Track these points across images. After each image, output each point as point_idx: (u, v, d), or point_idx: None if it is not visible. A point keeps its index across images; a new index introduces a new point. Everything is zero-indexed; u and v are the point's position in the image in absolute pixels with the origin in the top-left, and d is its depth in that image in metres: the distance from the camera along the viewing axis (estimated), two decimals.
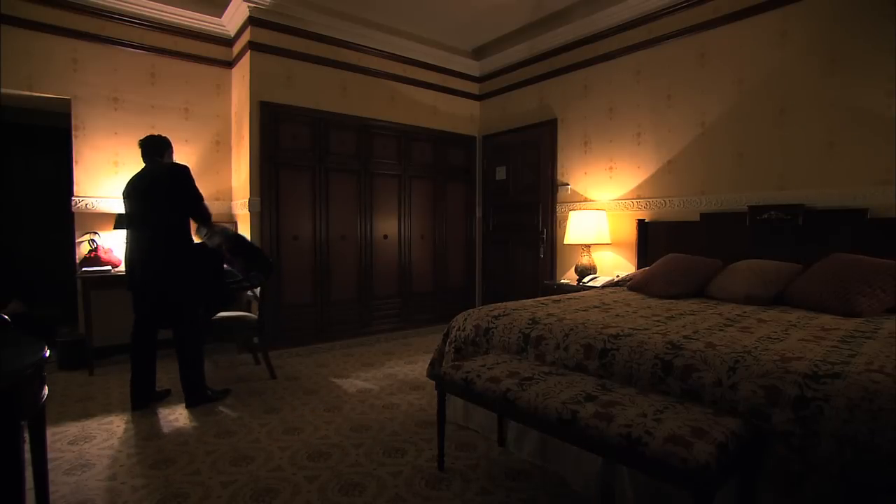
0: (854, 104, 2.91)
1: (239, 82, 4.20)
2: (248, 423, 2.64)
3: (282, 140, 4.12)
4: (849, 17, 2.92)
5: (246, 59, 4.01)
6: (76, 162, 3.70)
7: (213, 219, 4.28)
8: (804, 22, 3.09)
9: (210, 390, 2.98)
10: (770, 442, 1.45)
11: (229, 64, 4.35)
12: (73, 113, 3.67)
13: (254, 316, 3.54)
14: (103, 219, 3.78)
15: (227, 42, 4.31)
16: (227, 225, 4.30)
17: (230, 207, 4.40)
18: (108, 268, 3.59)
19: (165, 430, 2.54)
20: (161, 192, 2.81)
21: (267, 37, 4.00)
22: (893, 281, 2.39)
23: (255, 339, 3.58)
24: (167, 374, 3.34)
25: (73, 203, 3.69)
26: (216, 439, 2.43)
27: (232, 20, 4.14)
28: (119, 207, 3.80)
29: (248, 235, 4.05)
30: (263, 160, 4.01)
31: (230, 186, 4.41)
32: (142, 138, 3.03)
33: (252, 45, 3.95)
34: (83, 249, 3.70)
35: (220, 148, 4.36)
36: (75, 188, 3.70)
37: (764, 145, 3.29)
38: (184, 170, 2.89)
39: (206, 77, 4.25)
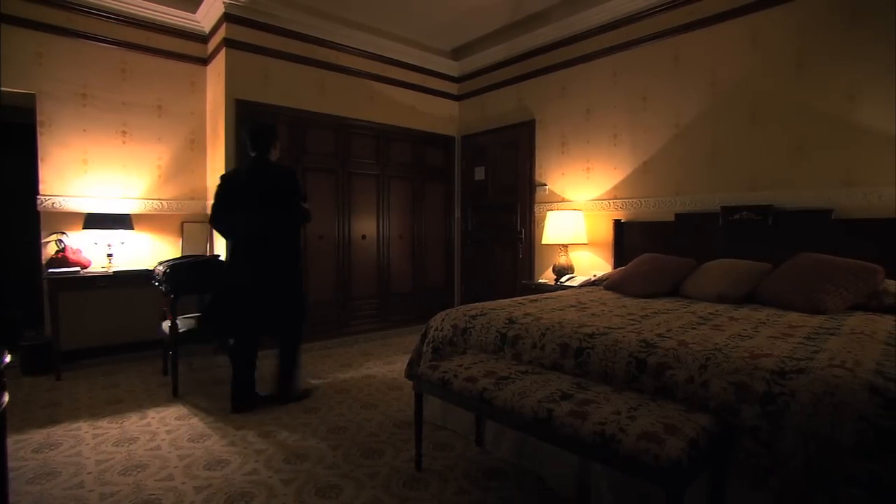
0: (819, 108, 3.00)
1: (214, 80, 4.12)
2: (222, 426, 2.60)
3: None
4: (813, 26, 3.01)
5: (221, 57, 3.94)
6: (42, 159, 3.58)
7: (187, 220, 4.21)
8: (772, 29, 3.17)
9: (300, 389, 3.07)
10: (739, 437, 1.49)
11: (204, 61, 4.26)
12: (37, 108, 3.55)
13: None
14: (71, 218, 3.67)
15: (202, 38, 4.23)
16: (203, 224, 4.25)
17: (205, 207, 4.32)
18: (77, 269, 3.48)
19: (137, 435, 2.48)
20: (284, 198, 2.86)
21: (243, 34, 3.94)
22: (856, 280, 2.47)
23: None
24: (139, 379, 3.27)
25: (38, 202, 3.57)
26: (190, 443, 2.38)
27: (207, 16, 4.06)
28: (90, 206, 3.71)
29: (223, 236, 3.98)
30: (239, 159, 3.94)
31: (205, 186, 4.33)
32: (252, 125, 2.97)
33: (227, 42, 3.88)
34: (50, 250, 3.58)
35: (194, 147, 4.28)
36: (41, 186, 3.58)
37: (736, 147, 3.37)
38: (295, 174, 2.98)
39: (179, 74, 4.16)
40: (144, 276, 3.58)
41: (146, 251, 4.02)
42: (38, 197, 3.57)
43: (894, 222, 2.70)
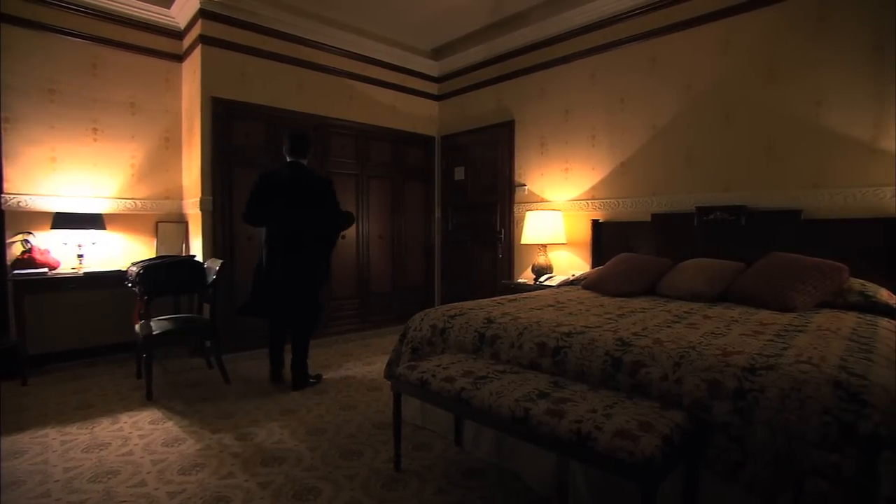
0: (788, 112, 3.08)
1: (189, 77, 4.05)
2: (198, 430, 2.55)
3: (235, 138, 4.00)
4: (782, 32, 3.09)
5: (197, 53, 3.87)
6: (6, 156, 3.45)
7: (162, 219, 4.13)
8: (745, 34, 3.25)
9: (310, 376, 3.30)
10: (712, 433, 1.52)
11: (179, 57, 4.18)
12: (1, 103, 3.43)
13: (205, 318, 3.43)
14: (39, 218, 3.55)
15: (177, 35, 4.14)
16: (181, 224, 4.16)
17: (181, 206, 4.23)
18: (45, 270, 3.38)
19: (108, 440, 2.41)
20: (325, 203, 3.17)
21: (219, 31, 3.87)
22: (823, 278, 2.54)
23: (208, 343, 3.45)
24: (111, 383, 3.18)
25: (2, 200, 3.45)
26: (164, 448, 2.33)
27: (182, 12, 3.98)
28: (58, 206, 3.60)
29: (199, 236, 3.92)
30: (216, 158, 3.88)
31: (181, 185, 4.24)
32: (293, 131, 3.24)
33: (203, 39, 3.81)
34: (15, 251, 3.46)
35: (169, 145, 4.19)
36: (5, 185, 3.46)
37: (710, 148, 3.44)
38: (331, 182, 3.30)
39: (154, 70, 4.06)
40: (117, 277, 3.49)
41: (119, 252, 3.93)
42: (3, 196, 3.45)
43: (858, 223, 2.79)
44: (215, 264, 3.29)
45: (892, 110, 2.72)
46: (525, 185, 4.62)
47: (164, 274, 3.13)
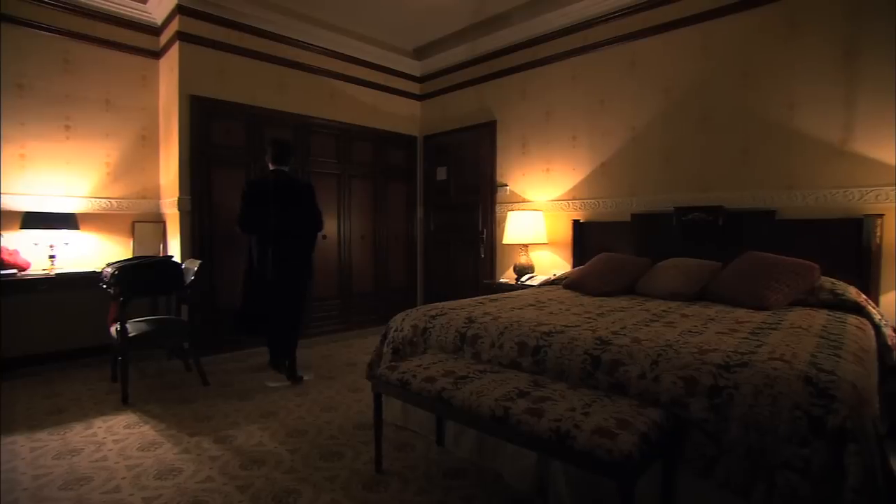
0: (763, 115, 3.15)
1: (167, 74, 3.97)
2: (175, 433, 2.50)
3: (214, 136, 3.94)
4: (757, 36, 3.16)
5: (174, 50, 3.80)
6: None
7: (139, 219, 4.05)
8: (721, 38, 3.31)
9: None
10: (688, 429, 1.55)
11: (156, 54, 4.10)
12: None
13: (184, 320, 3.37)
14: (8, 217, 3.45)
15: (154, 31, 4.06)
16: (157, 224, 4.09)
17: (158, 206, 4.15)
18: (14, 271, 3.29)
19: (80, 446, 2.35)
20: (305, 205, 3.37)
21: (197, 27, 3.81)
22: (796, 277, 2.61)
23: (186, 345, 3.39)
24: (85, 387, 3.10)
25: None
26: (140, 452, 2.28)
27: (158, 7, 3.90)
28: (29, 205, 3.50)
29: (177, 236, 3.85)
30: (194, 157, 3.82)
31: (158, 184, 4.16)
32: (276, 140, 3.43)
33: (181, 36, 3.74)
34: None
35: (146, 143, 4.10)
36: None
37: (688, 150, 3.50)
38: (313, 187, 3.51)
39: (129, 67, 3.97)
40: (91, 278, 3.41)
41: (94, 252, 3.83)
42: None
43: (828, 223, 2.87)
44: (193, 265, 3.24)
45: (860, 114, 2.80)
46: (507, 186, 4.64)
47: (140, 275, 3.07)
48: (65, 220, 3.54)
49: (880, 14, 2.74)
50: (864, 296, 2.54)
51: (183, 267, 3.30)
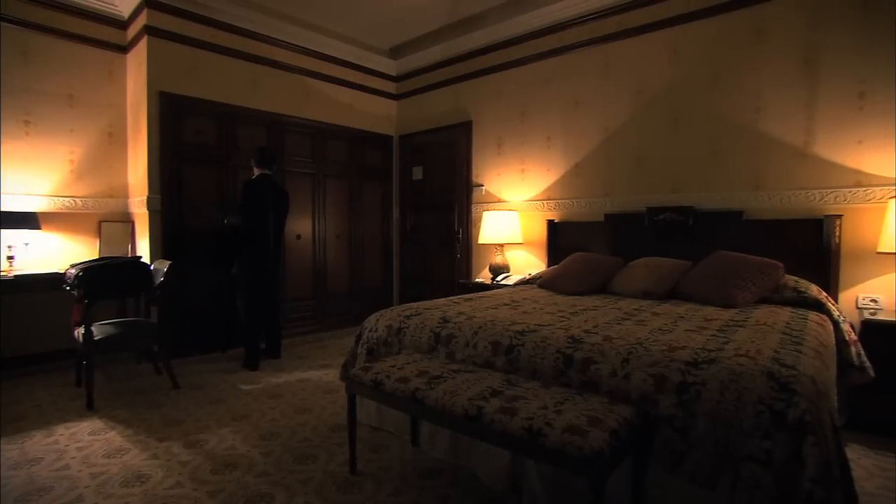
0: (731, 118, 3.24)
1: (135, 70, 3.86)
2: (144, 438, 2.43)
3: (185, 134, 3.85)
4: (725, 41, 3.25)
5: (142, 45, 3.69)
6: None
7: (106, 219, 3.93)
8: (691, 42, 3.39)
9: None
10: (658, 425, 1.58)
11: (123, 48, 3.98)
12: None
13: (153, 322, 3.28)
14: None
15: (120, 24, 3.94)
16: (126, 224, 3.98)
17: (126, 205, 4.03)
18: None
19: (40, 455, 2.26)
20: (285, 207, 3.83)
21: (167, 22, 3.72)
22: (762, 276, 2.69)
23: (155, 347, 3.30)
24: (47, 393, 2.99)
25: None
26: (105, 460, 2.21)
27: (125, 0, 3.79)
28: None
29: (146, 235, 3.75)
30: (164, 155, 3.72)
31: (126, 183, 4.04)
32: (264, 148, 3.82)
33: (149, 30, 3.65)
34: None
35: (113, 140, 3.98)
36: None
37: (660, 152, 3.57)
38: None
39: (94, 61, 3.84)
40: (53, 279, 3.29)
41: (57, 253, 3.70)
42: None
43: (792, 223, 2.97)
44: (163, 265, 3.16)
45: (820, 119, 2.91)
46: (482, 186, 4.66)
47: (107, 276, 2.97)
48: (24, 220, 3.41)
49: (839, 24, 2.84)
50: (824, 293, 2.64)
51: (152, 268, 3.22)
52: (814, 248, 2.87)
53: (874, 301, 2.73)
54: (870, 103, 2.76)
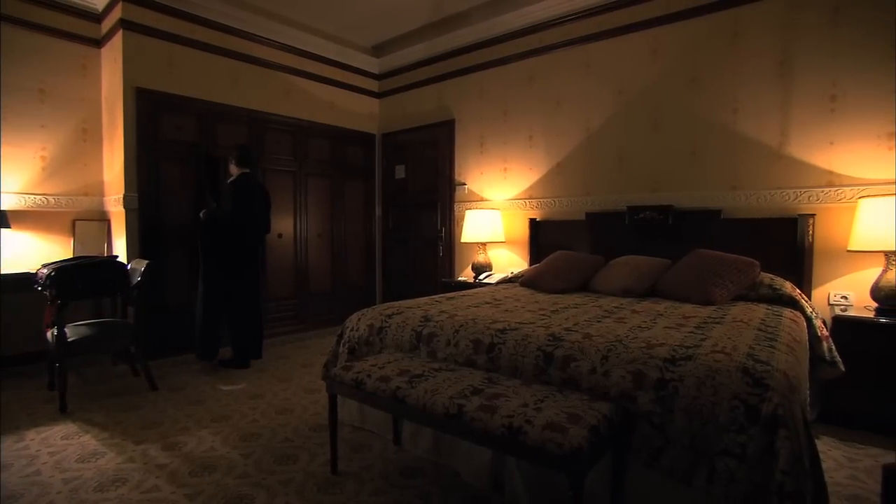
0: (709, 119, 3.29)
1: (110, 64, 3.77)
2: (120, 442, 2.38)
3: (163, 131, 3.78)
4: (702, 43, 3.30)
5: (118, 39, 3.61)
6: None
7: (80, 217, 3.84)
8: (670, 43, 3.44)
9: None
10: (636, 421, 1.60)
11: (97, 42, 3.88)
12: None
13: (129, 322, 3.21)
14: None
15: (94, 17, 3.84)
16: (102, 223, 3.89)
17: (102, 203, 3.94)
18: None
19: (9, 461, 2.20)
20: (268, 203, 3.79)
21: (143, 16, 3.64)
22: (739, 273, 2.74)
23: (132, 348, 3.24)
24: (16, 397, 2.91)
25: None
26: (79, 464, 2.16)
27: None
28: None
29: (122, 234, 3.67)
30: (141, 152, 3.65)
31: (102, 180, 3.95)
32: (245, 146, 3.72)
33: (124, 24, 3.56)
34: None
35: (87, 137, 3.88)
36: None
37: (640, 151, 3.61)
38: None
39: (67, 55, 3.74)
40: (23, 280, 3.20)
41: (28, 252, 3.60)
42: None
43: (767, 222, 3.03)
44: (140, 265, 3.10)
45: (794, 120, 2.97)
46: (465, 185, 4.67)
47: (81, 276, 2.90)
48: None
49: (812, 28, 2.91)
50: (798, 290, 2.70)
51: (129, 267, 3.15)
52: (788, 247, 2.94)
53: (845, 298, 2.81)
54: (841, 105, 2.83)
